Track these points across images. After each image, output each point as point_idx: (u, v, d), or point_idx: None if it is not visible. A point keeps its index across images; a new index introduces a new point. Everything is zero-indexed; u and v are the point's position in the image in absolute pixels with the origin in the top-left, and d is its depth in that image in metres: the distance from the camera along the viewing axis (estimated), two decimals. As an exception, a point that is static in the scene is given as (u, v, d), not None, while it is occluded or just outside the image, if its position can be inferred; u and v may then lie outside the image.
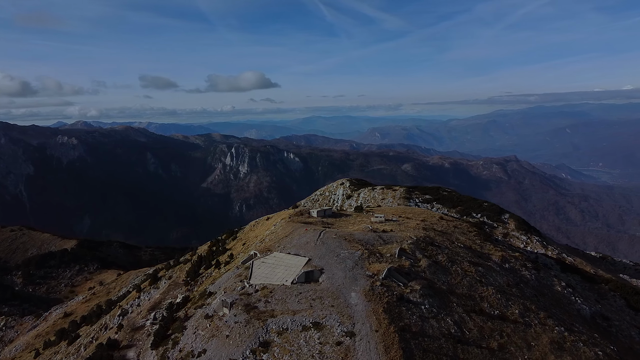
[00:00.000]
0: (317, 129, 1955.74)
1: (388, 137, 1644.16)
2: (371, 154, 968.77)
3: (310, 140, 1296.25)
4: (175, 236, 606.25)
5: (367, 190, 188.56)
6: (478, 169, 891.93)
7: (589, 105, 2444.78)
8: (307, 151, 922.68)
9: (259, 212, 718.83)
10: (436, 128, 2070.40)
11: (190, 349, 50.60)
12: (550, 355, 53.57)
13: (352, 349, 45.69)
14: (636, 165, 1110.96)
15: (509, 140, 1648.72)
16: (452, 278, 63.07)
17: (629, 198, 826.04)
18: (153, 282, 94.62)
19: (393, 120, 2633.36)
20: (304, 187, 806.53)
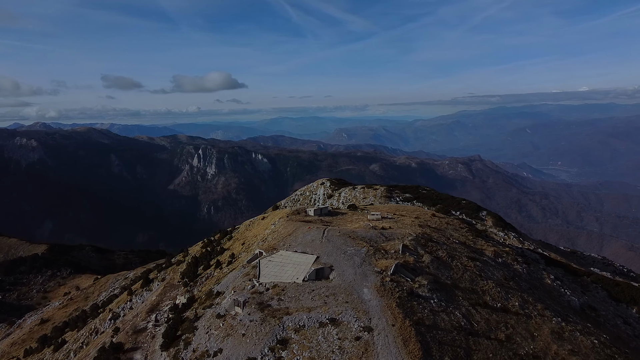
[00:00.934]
0: (284, 129, 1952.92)
1: (355, 138, 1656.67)
2: (339, 154, 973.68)
3: (278, 141, 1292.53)
4: (142, 239, 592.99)
5: (348, 190, 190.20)
6: (444, 169, 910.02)
7: (548, 106, 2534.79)
8: (275, 152, 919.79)
9: (227, 214, 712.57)
10: (402, 128, 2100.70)
11: (205, 348, 50.28)
12: (552, 345, 55.84)
13: (371, 343, 46.39)
14: (592, 164, 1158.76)
15: (473, 140, 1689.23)
16: (454, 273, 64.78)
17: (586, 195, 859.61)
18: (145, 285, 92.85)
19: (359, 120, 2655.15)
20: (273, 188, 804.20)
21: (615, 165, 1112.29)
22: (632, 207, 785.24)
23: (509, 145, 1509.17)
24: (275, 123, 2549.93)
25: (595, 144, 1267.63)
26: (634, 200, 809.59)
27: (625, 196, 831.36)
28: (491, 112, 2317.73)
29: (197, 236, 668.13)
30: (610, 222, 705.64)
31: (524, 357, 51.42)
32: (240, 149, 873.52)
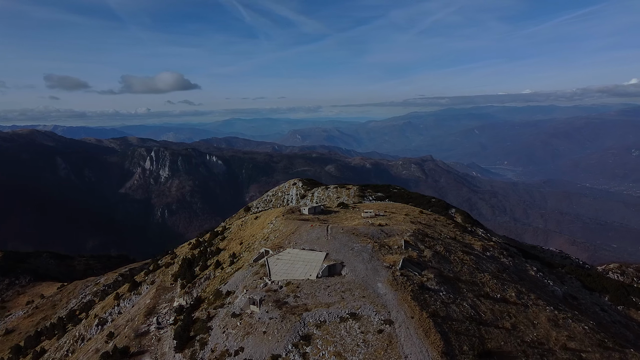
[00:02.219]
0: (238, 131, 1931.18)
1: (309, 139, 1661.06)
2: (294, 155, 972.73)
3: (232, 143, 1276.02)
4: (92, 245, 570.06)
5: (321, 190, 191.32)
6: (398, 169, 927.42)
7: (494, 107, 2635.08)
8: (230, 154, 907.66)
9: (182, 217, 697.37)
10: (355, 130, 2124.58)
11: (224, 348, 50.00)
12: (552, 332, 59.05)
13: (394, 335, 47.61)
14: (536, 163, 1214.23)
15: (424, 141, 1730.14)
16: (454, 266, 67.14)
17: (531, 193, 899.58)
18: (133, 288, 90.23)
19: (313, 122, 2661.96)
20: (228, 191, 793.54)
21: (557, 164, 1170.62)
22: (573, 203, 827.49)
23: (459, 145, 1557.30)
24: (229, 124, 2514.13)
25: (539, 144, 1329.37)
26: (575, 197, 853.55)
27: (567, 193, 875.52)
28: (441, 114, 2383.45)
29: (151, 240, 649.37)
30: (553, 219, 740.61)
31: (530, 343, 54.15)
32: (194, 151, 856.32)
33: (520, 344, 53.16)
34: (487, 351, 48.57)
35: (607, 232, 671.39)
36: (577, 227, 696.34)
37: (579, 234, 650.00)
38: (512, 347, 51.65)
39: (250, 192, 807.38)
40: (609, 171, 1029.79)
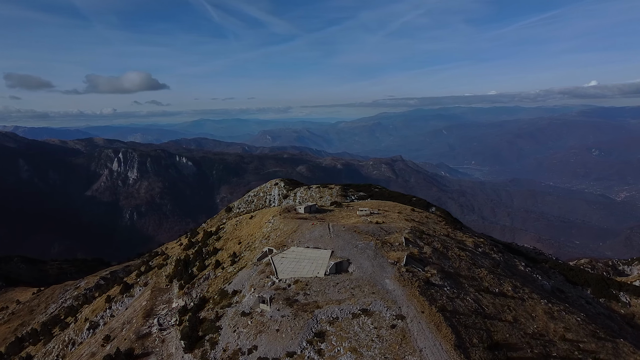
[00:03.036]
0: (207, 132, 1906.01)
1: (279, 140, 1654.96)
2: (265, 156, 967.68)
3: (201, 144, 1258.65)
4: (58, 249, 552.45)
5: (303, 190, 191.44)
6: (368, 169, 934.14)
7: (461, 108, 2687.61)
8: (200, 155, 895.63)
9: (152, 219, 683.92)
10: (325, 130, 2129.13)
11: (236, 347, 49.86)
12: (549, 324, 61.15)
13: (407, 330, 48.49)
14: (502, 163, 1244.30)
15: (393, 141, 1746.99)
16: (453, 262, 68.64)
17: (498, 192, 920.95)
18: (125, 290, 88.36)
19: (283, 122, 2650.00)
20: (199, 192, 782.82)
21: (522, 164, 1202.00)
22: (538, 202, 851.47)
23: (427, 145, 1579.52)
24: (197, 125, 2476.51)
25: (504, 144, 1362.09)
26: (539, 195, 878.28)
27: (532, 192, 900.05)
28: (410, 114, 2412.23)
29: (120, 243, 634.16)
30: (519, 217, 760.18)
31: (532, 335, 55.95)
32: (164, 152, 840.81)
33: (524, 336, 54.89)
34: (496, 343, 49.99)
35: (570, 229, 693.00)
36: (542, 224, 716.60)
37: (544, 231, 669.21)
38: (516, 339, 53.27)
39: (222, 193, 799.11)
40: (571, 170, 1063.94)
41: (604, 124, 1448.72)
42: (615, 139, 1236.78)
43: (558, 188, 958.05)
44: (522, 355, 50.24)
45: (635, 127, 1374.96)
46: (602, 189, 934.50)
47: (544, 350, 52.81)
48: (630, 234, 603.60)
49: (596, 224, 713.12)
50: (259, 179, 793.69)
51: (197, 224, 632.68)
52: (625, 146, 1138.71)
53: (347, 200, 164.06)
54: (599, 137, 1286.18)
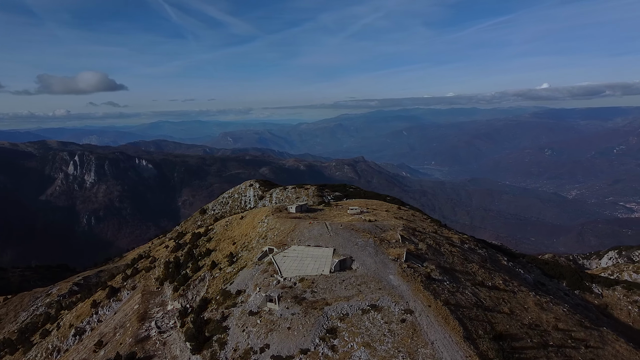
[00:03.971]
0: (166, 134, 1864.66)
1: (241, 142, 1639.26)
2: (227, 158, 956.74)
3: (161, 146, 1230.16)
4: (10, 256, 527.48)
5: (279, 190, 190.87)
6: (331, 170, 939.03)
7: (420, 109, 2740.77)
8: (161, 157, 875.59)
9: (111, 224, 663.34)
10: (287, 132, 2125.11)
11: (247, 346, 49.76)
12: (541, 315, 63.88)
13: (416, 323, 49.65)
14: (461, 163, 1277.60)
15: (355, 143, 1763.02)
16: (447, 258, 70.53)
17: (457, 192, 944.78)
18: (112, 295, 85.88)
19: (244, 124, 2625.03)
20: (160, 195, 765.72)
21: (480, 164, 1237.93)
22: (495, 200, 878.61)
23: (388, 146, 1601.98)
24: (156, 127, 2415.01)
25: (463, 145, 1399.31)
26: (496, 194, 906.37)
27: (490, 191, 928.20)
28: (371, 116, 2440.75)
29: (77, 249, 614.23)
30: (478, 215, 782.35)
31: (529, 326, 58.32)
32: (122, 155, 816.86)
33: (522, 327, 57.16)
34: (499, 334, 51.88)
35: (526, 227, 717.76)
36: (499, 222, 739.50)
37: (501, 229, 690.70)
38: (516, 330, 55.44)
39: (183, 196, 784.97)
40: (526, 169, 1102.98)
41: (555, 125, 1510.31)
42: (566, 139, 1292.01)
43: (514, 187, 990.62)
44: (524, 345, 52.32)
45: (584, 128, 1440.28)
46: (555, 187, 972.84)
47: (541, 340, 55.14)
48: (582, 230, 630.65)
49: (550, 221, 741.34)
50: (221, 181, 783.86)
51: (158, 227, 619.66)
52: (576, 146, 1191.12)
53: (324, 200, 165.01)
54: (551, 137, 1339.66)
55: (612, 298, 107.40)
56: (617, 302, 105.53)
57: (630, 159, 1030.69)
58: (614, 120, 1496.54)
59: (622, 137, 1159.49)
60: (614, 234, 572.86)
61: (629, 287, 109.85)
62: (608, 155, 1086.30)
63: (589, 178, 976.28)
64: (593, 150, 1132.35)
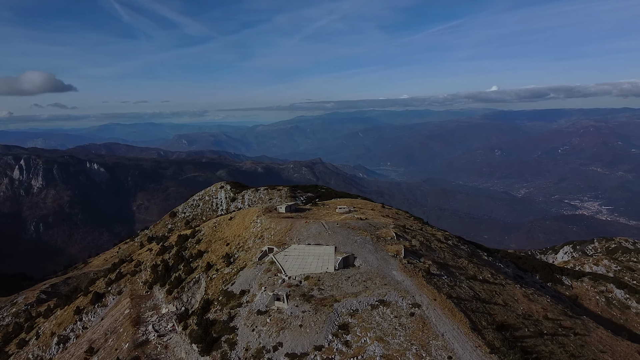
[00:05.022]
0: (117, 137, 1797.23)
1: (196, 144, 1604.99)
2: (183, 161, 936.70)
3: (112, 149, 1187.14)
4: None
5: (251, 192, 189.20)
6: (289, 172, 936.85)
7: (376, 111, 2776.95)
8: (113, 161, 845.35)
9: (61, 230, 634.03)
10: (243, 134, 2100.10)
11: (259, 345, 49.70)
12: (531, 305, 66.87)
13: (425, 317, 51.05)
14: (416, 164, 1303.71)
15: (312, 144, 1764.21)
16: (439, 253, 72.53)
17: (413, 192, 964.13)
18: (96, 301, 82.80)
19: (199, 126, 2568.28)
20: (113, 200, 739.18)
21: (434, 164, 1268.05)
22: (450, 200, 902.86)
23: (345, 148, 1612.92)
24: (107, 130, 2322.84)
25: (417, 146, 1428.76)
26: (450, 194, 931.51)
27: (444, 191, 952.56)
28: (327, 118, 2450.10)
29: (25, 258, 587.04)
30: (434, 214, 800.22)
31: (522, 316, 61.01)
32: (72, 158, 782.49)
33: (517, 317, 59.73)
34: (500, 324, 54.09)
35: (479, 225, 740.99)
36: (454, 221, 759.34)
37: (456, 227, 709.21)
38: (513, 320, 57.90)
39: (138, 200, 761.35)
40: (478, 169, 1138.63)
41: (504, 126, 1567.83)
42: (514, 140, 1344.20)
43: (467, 186, 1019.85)
44: (523, 334, 54.76)
45: (531, 129, 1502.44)
46: (505, 186, 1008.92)
47: (536, 329, 57.78)
48: (531, 227, 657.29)
49: (501, 219, 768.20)
50: (178, 185, 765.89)
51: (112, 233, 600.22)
52: (523, 146, 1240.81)
53: (296, 201, 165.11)
54: (500, 138, 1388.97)
55: (581, 289, 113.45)
56: (586, 292, 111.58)
57: (574, 158, 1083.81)
58: (558, 122, 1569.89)
59: (566, 138, 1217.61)
60: (560, 231, 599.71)
61: (595, 279, 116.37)
62: (553, 155, 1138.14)
63: (537, 177, 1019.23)
64: (539, 151, 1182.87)
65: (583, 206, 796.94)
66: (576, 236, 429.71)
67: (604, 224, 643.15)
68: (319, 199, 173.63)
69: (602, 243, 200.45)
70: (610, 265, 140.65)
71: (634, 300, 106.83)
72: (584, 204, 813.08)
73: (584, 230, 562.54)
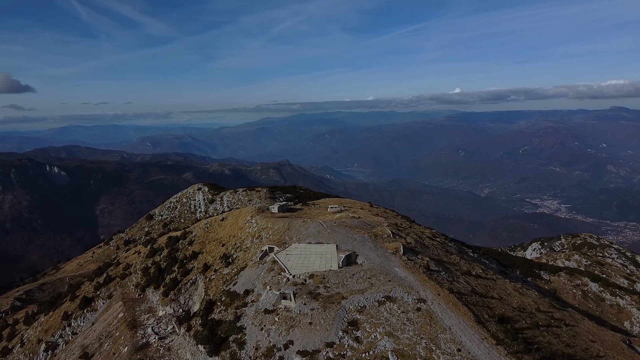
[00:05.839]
0: (78, 139, 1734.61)
1: (161, 146, 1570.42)
2: (148, 164, 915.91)
3: (73, 152, 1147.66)
4: None
5: (230, 193, 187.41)
6: (257, 174, 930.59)
7: (342, 113, 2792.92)
8: (75, 164, 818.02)
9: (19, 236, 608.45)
10: (209, 136, 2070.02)
11: (269, 344, 49.77)
12: (523, 299, 69.15)
13: (431, 311, 52.22)
14: (382, 165, 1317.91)
15: (278, 146, 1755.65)
16: (432, 250, 74.05)
17: (380, 192, 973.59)
18: (85, 305, 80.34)
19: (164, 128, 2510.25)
20: (75, 204, 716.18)
21: (400, 165, 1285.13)
22: (416, 200, 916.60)
23: (312, 149, 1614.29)
24: (66, 132, 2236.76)
25: (383, 147, 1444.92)
26: (417, 194, 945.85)
27: (410, 191, 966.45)
28: (293, 119, 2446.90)
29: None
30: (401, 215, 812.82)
31: (518, 309, 63.09)
32: (30, 162, 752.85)
33: (514, 310, 61.75)
34: (501, 317, 55.81)
35: (445, 224, 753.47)
36: (420, 220, 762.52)
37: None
38: (511, 313, 59.82)
39: (101, 204, 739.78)
40: (443, 170, 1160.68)
41: (467, 127, 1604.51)
42: (477, 141, 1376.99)
43: (432, 186, 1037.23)
44: (521, 326, 56.69)
45: (493, 130, 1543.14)
46: (469, 186, 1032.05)
47: (532, 321, 59.95)
48: (495, 225, 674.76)
49: (466, 218, 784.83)
50: (142, 188, 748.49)
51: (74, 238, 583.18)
52: (486, 147, 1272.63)
53: (275, 202, 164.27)
54: (464, 139, 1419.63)
55: (559, 283, 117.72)
56: (563, 286, 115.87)
57: (534, 158, 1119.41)
58: (518, 123, 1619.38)
59: (526, 139, 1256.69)
60: (522, 229, 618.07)
61: (570, 273, 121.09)
62: (514, 156, 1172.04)
63: (499, 177, 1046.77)
64: (501, 151, 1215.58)
65: (543, 204, 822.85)
66: (537, 234, 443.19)
67: (563, 221, 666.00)
68: (298, 199, 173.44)
69: (568, 239, 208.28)
70: (581, 260, 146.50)
71: (607, 293, 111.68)
72: (544, 202, 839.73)
73: (544, 228, 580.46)
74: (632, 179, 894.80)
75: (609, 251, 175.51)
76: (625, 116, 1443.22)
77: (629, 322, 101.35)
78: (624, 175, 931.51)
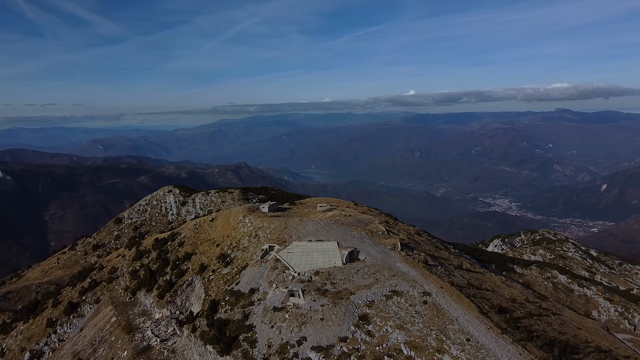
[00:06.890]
0: (23, 142, 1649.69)
1: (112, 149, 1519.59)
2: (100, 167, 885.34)
3: (18, 156, 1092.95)
4: None
5: (202, 195, 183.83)
6: (214, 177, 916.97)
7: (299, 115, 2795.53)
8: (21, 168, 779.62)
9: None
10: (163, 138, 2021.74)
11: (282, 341, 50.00)
12: (512, 290, 72.07)
13: (437, 304, 53.81)
14: (340, 166, 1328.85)
15: (235, 148, 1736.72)
16: (424, 246, 75.89)
17: (338, 193, 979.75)
18: (71, 311, 77.05)
19: (115, 131, 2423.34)
20: (22, 210, 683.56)
21: (357, 166, 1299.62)
22: (374, 200, 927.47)
23: (269, 151, 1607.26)
24: (9, 135, 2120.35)
25: (341, 148, 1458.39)
26: (375, 194, 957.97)
27: (368, 192, 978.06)
28: (250, 121, 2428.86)
29: None
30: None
31: (511, 300, 65.77)
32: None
33: (507, 301, 64.34)
34: (500, 308, 58.09)
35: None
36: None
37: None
38: (507, 304, 62.32)
39: (51, 209, 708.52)
40: (399, 171, 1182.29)
41: (422, 128, 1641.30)
42: (432, 142, 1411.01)
43: (389, 187, 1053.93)
44: (518, 315, 59.24)
45: (447, 131, 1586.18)
46: (425, 186, 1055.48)
47: (525, 311, 62.66)
48: (451, 224, 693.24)
49: (423, 218, 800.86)
50: (95, 192, 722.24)
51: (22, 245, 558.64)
52: (441, 148, 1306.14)
53: (248, 203, 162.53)
54: (419, 140, 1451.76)
55: (531, 276, 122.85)
56: (535, 279, 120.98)
57: (486, 158, 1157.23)
58: (470, 125, 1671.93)
59: (478, 140, 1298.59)
60: (476, 227, 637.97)
61: (541, 266, 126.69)
62: (467, 156, 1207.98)
63: (453, 177, 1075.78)
64: (455, 152, 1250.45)
65: (495, 203, 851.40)
66: (491, 232, 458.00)
67: (514, 219, 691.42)
68: (271, 200, 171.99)
69: (527, 235, 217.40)
70: (546, 254, 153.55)
71: (575, 284, 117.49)
72: (496, 201, 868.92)
73: (497, 226, 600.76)
74: (577, 178, 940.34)
75: (567, 245, 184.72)
76: (570, 118, 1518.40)
77: (597, 311, 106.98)
78: (569, 174, 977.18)
